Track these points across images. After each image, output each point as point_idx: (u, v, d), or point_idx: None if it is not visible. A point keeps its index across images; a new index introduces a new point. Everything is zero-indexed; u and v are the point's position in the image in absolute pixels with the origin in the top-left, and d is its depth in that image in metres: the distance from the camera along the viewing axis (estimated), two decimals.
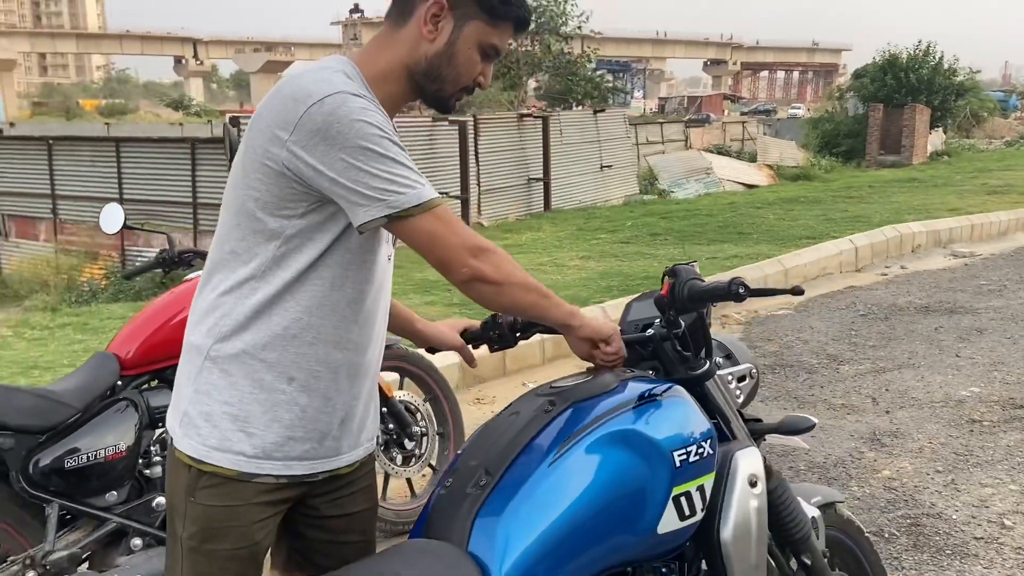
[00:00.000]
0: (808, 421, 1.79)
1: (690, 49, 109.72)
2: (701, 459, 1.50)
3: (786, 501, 1.72)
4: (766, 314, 6.19)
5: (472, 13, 1.49)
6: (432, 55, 1.49)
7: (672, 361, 1.64)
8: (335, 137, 1.33)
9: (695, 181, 20.59)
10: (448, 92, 1.53)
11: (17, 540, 2.20)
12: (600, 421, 1.47)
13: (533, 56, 19.71)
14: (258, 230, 1.41)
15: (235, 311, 1.43)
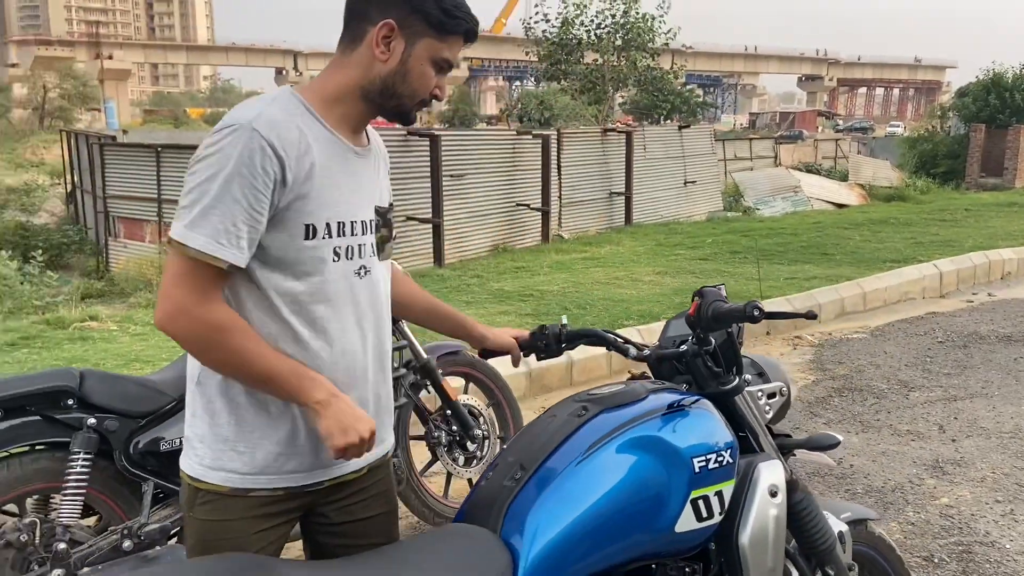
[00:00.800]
0: (833, 438, 1.86)
1: (784, 64, 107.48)
2: (720, 467, 1.60)
3: (810, 513, 1.82)
4: (840, 337, 6.15)
5: (421, 31, 1.54)
6: (386, 74, 1.55)
7: (703, 376, 1.74)
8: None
9: (782, 199, 20.26)
10: (407, 107, 1.59)
11: (117, 512, 2.47)
12: (627, 427, 1.59)
13: (619, 72, 19.78)
14: None
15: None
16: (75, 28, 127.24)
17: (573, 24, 19.70)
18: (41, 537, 2.29)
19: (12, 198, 21.85)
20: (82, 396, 2.39)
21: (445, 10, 1.55)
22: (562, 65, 20.37)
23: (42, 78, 45.31)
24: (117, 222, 14.42)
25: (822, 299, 6.77)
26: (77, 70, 50.39)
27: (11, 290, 11.38)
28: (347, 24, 1.58)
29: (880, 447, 4.01)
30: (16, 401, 2.32)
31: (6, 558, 2.26)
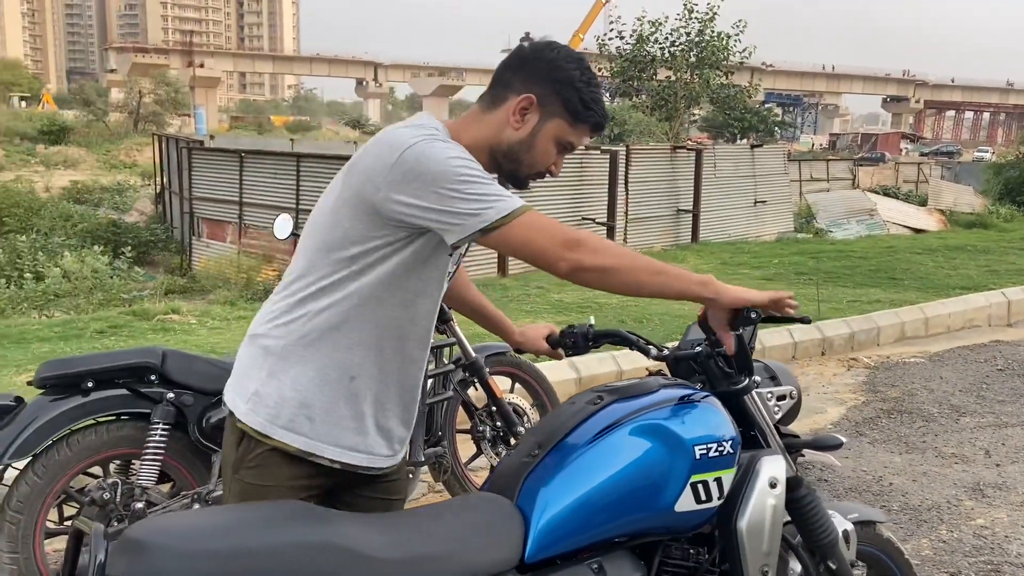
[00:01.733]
0: (835, 439, 1.98)
1: (868, 84, 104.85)
2: (721, 455, 1.74)
3: (812, 508, 1.94)
4: (897, 360, 6.12)
5: (556, 112, 1.69)
6: (515, 141, 1.69)
7: (715, 376, 1.87)
8: (425, 174, 1.52)
9: (856, 222, 19.86)
10: (523, 174, 1.74)
11: (189, 480, 2.73)
12: (636, 415, 1.74)
13: (692, 89, 19.77)
14: (340, 257, 1.60)
15: (315, 318, 1.62)
16: (170, 36, 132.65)
17: (647, 41, 19.80)
18: (121, 497, 2.57)
19: (106, 197, 23.03)
20: (163, 373, 2.66)
21: (584, 101, 1.70)
22: (634, 82, 20.46)
23: (138, 84, 47.49)
24: (201, 222, 15.09)
25: (882, 322, 6.74)
26: (170, 77, 52.62)
27: (101, 283, 12.07)
28: (493, 86, 1.73)
29: (922, 468, 4.03)
30: (106, 374, 2.60)
31: (90, 514, 2.54)
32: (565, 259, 1.54)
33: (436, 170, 1.52)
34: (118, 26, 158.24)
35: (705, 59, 19.39)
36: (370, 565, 1.41)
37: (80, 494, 2.60)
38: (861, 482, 3.83)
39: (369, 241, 1.59)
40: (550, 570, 1.62)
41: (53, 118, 45.07)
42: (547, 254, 1.55)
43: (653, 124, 19.47)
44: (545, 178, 1.79)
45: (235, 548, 1.35)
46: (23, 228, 15.82)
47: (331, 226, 1.62)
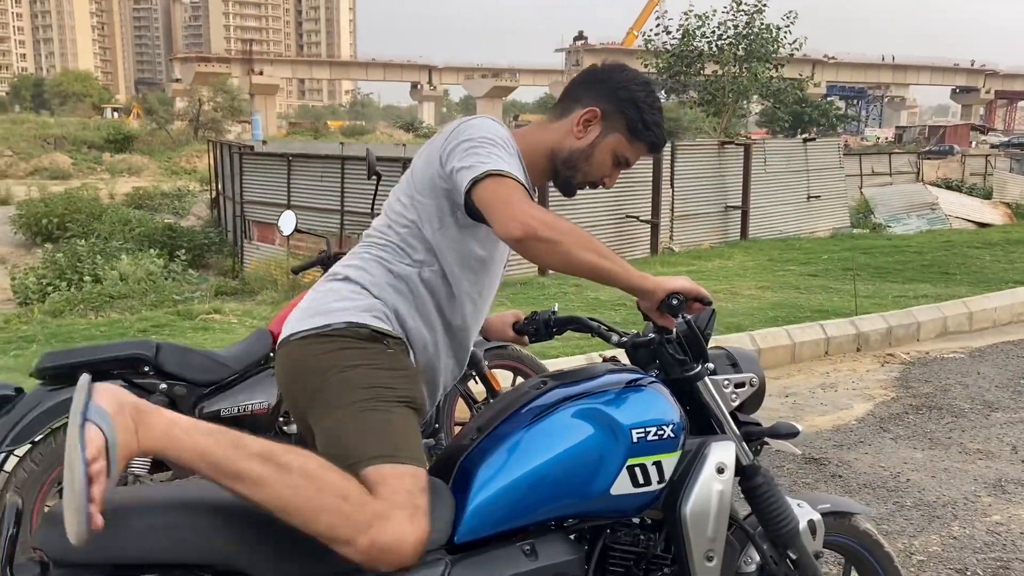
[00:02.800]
0: (792, 427, 1.94)
1: (935, 75, 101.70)
2: (660, 439, 1.72)
3: (768, 496, 1.90)
4: (936, 356, 5.93)
5: (618, 127, 1.82)
6: (575, 150, 1.83)
7: (668, 363, 1.87)
8: (462, 134, 1.71)
9: (917, 216, 19.32)
10: (577, 182, 1.87)
11: (181, 467, 2.80)
12: (575, 399, 1.75)
13: (740, 83, 19.43)
14: (416, 233, 1.77)
15: (395, 267, 1.77)
16: (232, 45, 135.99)
17: (694, 36, 19.53)
18: (117, 484, 2.64)
19: (165, 202, 23.75)
20: (157, 364, 2.74)
21: (645, 121, 1.82)
22: (681, 77, 20.22)
23: (198, 92, 48.86)
24: (252, 225, 15.43)
25: (922, 317, 6.53)
26: (230, 85, 53.95)
27: (155, 285, 12.46)
28: (563, 98, 1.89)
29: (943, 464, 3.90)
30: (102, 365, 2.69)
31: None
32: (520, 222, 1.59)
33: (470, 133, 1.71)
34: (183, 36, 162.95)
35: (753, 52, 19.05)
36: (292, 537, 1.44)
37: None
38: (877, 478, 3.73)
39: (437, 218, 1.79)
40: (481, 551, 1.63)
41: (119, 127, 46.69)
42: (505, 215, 1.60)
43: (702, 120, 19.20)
44: (597, 189, 1.92)
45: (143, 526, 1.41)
46: (85, 233, 16.40)
47: (402, 208, 1.83)
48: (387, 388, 1.65)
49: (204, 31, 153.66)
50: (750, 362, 2.02)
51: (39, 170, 36.19)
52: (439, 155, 1.74)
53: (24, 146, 40.87)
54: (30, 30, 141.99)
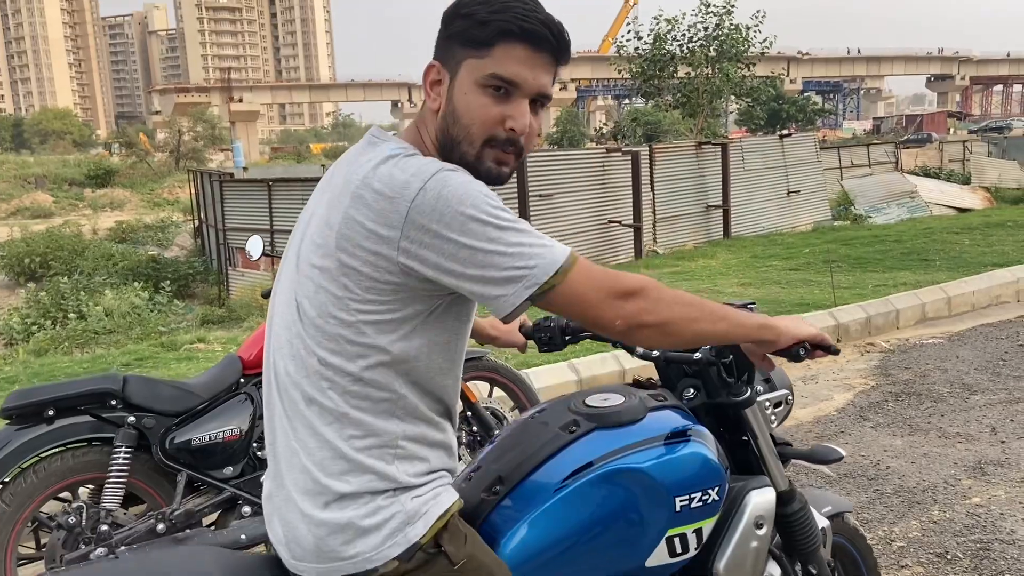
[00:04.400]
0: (836, 452, 1.78)
1: (909, 65, 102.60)
2: (704, 505, 1.53)
3: (804, 521, 1.76)
4: (915, 342, 5.96)
5: (459, 55, 1.32)
6: (441, 121, 1.35)
7: (715, 386, 1.66)
8: (449, 223, 1.21)
9: (897, 206, 19.46)
10: (470, 154, 1.33)
11: (155, 499, 2.79)
12: (616, 455, 1.50)
13: (713, 84, 19.56)
14: (353, 338, 1.28)
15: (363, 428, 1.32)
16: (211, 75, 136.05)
17: (665, 40, 19.68)
18: (88, 520, 2.63)
19: (149, 234, 23.67)
20: (124, 397, 2.73)
21: (479, 21, 1.29)
22: (655, 81, 20.34)
23: (178, 123, 48.82)
24: (235, 252, 15.40)
25: (900, 304, 6.57)
26: (210, 114, 53.95)
27: (140, 318, 12.40)
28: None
29: (923, 449, 3.92)
30: (68, 402, 2.68)
31: (58, 538, 2.61)
32: (621, 316, 1.30)
33: (460, 216, 1.22)
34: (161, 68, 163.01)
35: (724, 52, 19.20)
36: None
37: (50, 520, 2.68)
38: (857, 467, 3.74)
39: (381, 305, 1.32)
40: None
41: (99, 163, 46.54)
42: (600, 311, 1.29)
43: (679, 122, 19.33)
44: (518, 147, 1.35)
45: None
46: (68, 270, 16.34)
47: (323, 302, 1.32)
48: None
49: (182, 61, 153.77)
50: (781, 375, 1.84)
51: (21, 210, 36.04)
52: (397, 255, 1.23)
53: (4, 187, 40.72)
54: (7, 71, 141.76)
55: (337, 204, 1.30)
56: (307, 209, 1.44)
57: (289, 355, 1.35)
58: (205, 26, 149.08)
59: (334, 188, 1.34)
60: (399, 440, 1.33)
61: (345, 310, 1.28)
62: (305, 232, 1.37)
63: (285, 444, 1.36)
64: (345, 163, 1.37)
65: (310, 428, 1.32)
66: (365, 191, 1.26)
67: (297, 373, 1.33)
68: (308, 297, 1.32)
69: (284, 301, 1.38)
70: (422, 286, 1.28)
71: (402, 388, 1.33)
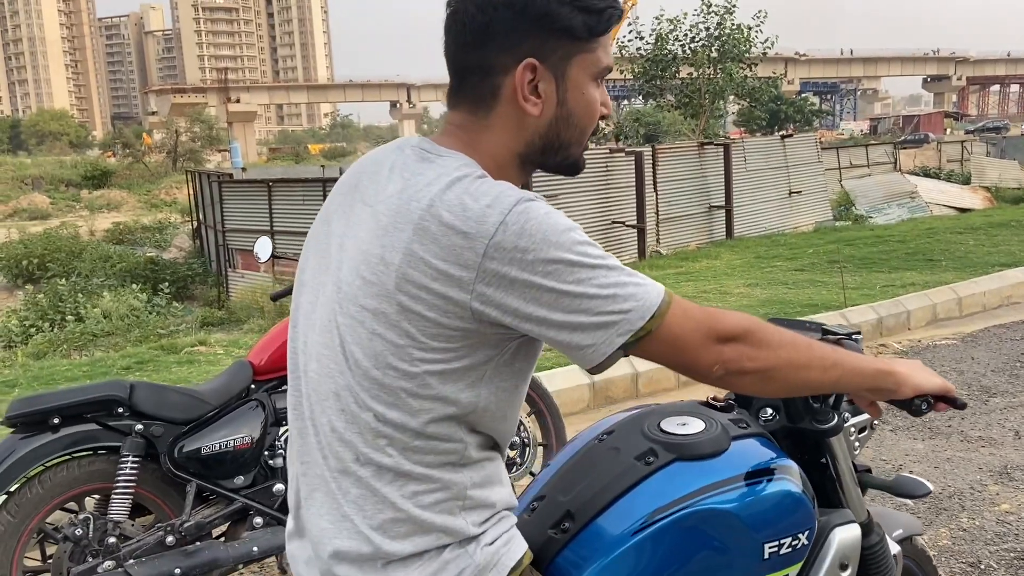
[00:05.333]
0: (924, 488, 1.67)
1: (906, 66, 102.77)
2: (793, 551, 1.40)
3: (881, 555, 1.65)
4: (928, 343, 5.89)
5: (570, 50, 1.18)
6: (545, 128, 1.20)
7: (799, 410, 1.52)
8: (533, 264, 1.07)
9: (897, 206, 19.45)
10: (577, 153, 1.25)
11: (164, 509, 2.70)
12: (699, 496, 1.35)
13: (715, 84, 19.52)
14: (417, 391, 1.14)
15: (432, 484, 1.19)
16: (207, 75, 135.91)
17: (667, 40, 19.63)
18: (95, 532, 2.54)
19: (147, 236, 23.57)
20: (132, 405, 2.64)
21: (587, 8, 1.18)
22: (657, 81, 20.29)
23: (175, 124, 48.70)
24: (235, 253, 15.31)
25: (911, 305, 6.50)
26: (207, 115, 53.84)
27: (139, 320, 12.31)
28: (463, 79, 1.22)
29: (946, 454, 3.84)
30: (73, 409, 2.59)
31: (64, 550, 2.53)
32: (720, 362, 1.17)
33: (545, 256, 1.08)
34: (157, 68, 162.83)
35: (726, 52, 19.16)
36: None
37: (56, 531, 2.59)
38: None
39: (446, 354, 1.18)
40: None
41: (96, 163, 46.41)
42: (697, 357, 1.16)
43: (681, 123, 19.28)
44: (600, 130, 1.34)
45: None
46: (66, 272, 16.23)
47: (380, 350, 1.16)
48: None
49: (178, 62, 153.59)
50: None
51: (18, 212, 35.93)
52: (471, 300, 1.09)
53: (1, 188, 40.59)
54: (3, 72, 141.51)
55: (394, 234, 1.12)
56: (331, 223, 1.26)
57: (336, 409, 1.18)
58: (202, 26, 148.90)
59: (385, 210, 1.15)
60: (468, 490, 1.20)
61: (407, 360, 1.13)
62: (343, 259, 1.19)
63: (331, 506, 1.20)
64: (396, 177, 1.18)
65: (367, 489, 1.17)
66: (431, 223, 1.09)
67: (347, 431, 1.17)
68: (360, 344, 1.15)
69: (324, 343, 1.20)
70: (494, 331, 1.13)
71: (467, 436, 1.19)
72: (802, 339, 1.25)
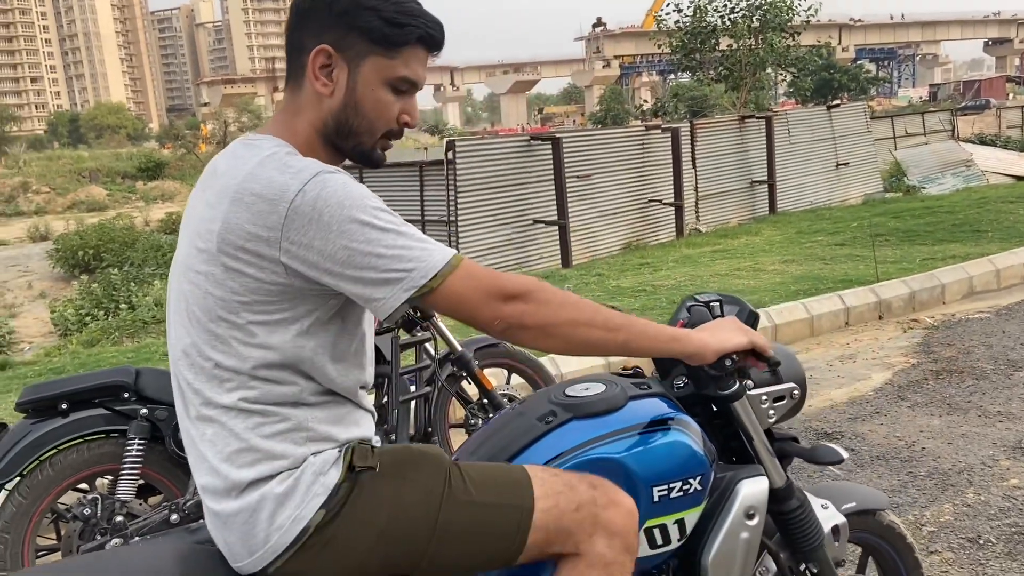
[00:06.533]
0: (836, 455, 1.70)
1: (966, 29, 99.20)
2: (685, 495, 1.49)
3: (802, 520, 1.69)
4: (961, 317, 5.75)
5: (364, 50, 1.33)
6: (336, 110, 1.35)
7: (701, 378, 1.60)
8: (329, 224, 1.21)
9: (952, 175, 18.90)
10: (368, 144, 1.38)
11: (172, 490, 2.82)
12: (590, 445, 1.48)
13: (756, 55, 19.07)
14: (245, 339, 1.29)
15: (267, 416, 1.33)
16: (256, 65, 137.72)
17: (706, 11, 19.25)
18: (103, 511, 2.67)
19: None
20: (137, 390, 2.75)
21: (388, 19, 1.32)
22: (696, 55, 19.92)
23: (224, 114, 49.63)
24: None
25: (946, 279, 6.34)
26: (254, 104, 54.67)
27: None
28: (287, 59, 1.39)
29: (961, 429, 3.77)
30: (81, 395, 2.71)
31: (75, 529, 2.65)
32: (500, 316, 1.30)
33: (339, 217, 1.23)
34: (209, 60, 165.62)
35: (768, 22, 18.70)
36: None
37: (67, 511, 2.72)
38: (891, 449, 3.61)
39: (269, 305, 1.33)
40: None
41: (150, 155, 47.60)
42: (479, 312, 1.29)
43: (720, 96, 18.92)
44: (402, 135, 1.44)
45: None
46: (119, 262, 16.74)
47: (211, 304, 1.33)
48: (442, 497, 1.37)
49: (228, 53, 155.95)
50: (791, 366, 1.72)
51: (76, 204, 37.08)
52: (279, 255, 1.24)
53: (60, 181, 41.92)
54: (62, 68, 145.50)
55: (217, 207, 1.29)
56: (186, 213, 1.42)
57: (186, 364, 1.35)
58: (250, 16, 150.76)
59: (213, 190, 1.32)
60: (309, 423, 1.34)
61: (234, 313, 1.29)
62: (184, 239, 1.38)
63: (196, 455, 1.36)
64: (223, 164, 1.35)
65: (217, 425, 1.32)
66: (244, 194, 1.26)
67: (196, 380, 1.34)
68: (198, 304, 1.31)
69: (176, 310, 1.38)
70: (309, 287, 1.28)
71: (301, 381, 1.33)
72: (588, 303, 1.37)
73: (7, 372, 7.56)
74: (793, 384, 1.68)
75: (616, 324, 1.37)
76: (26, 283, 20.03)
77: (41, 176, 42.44)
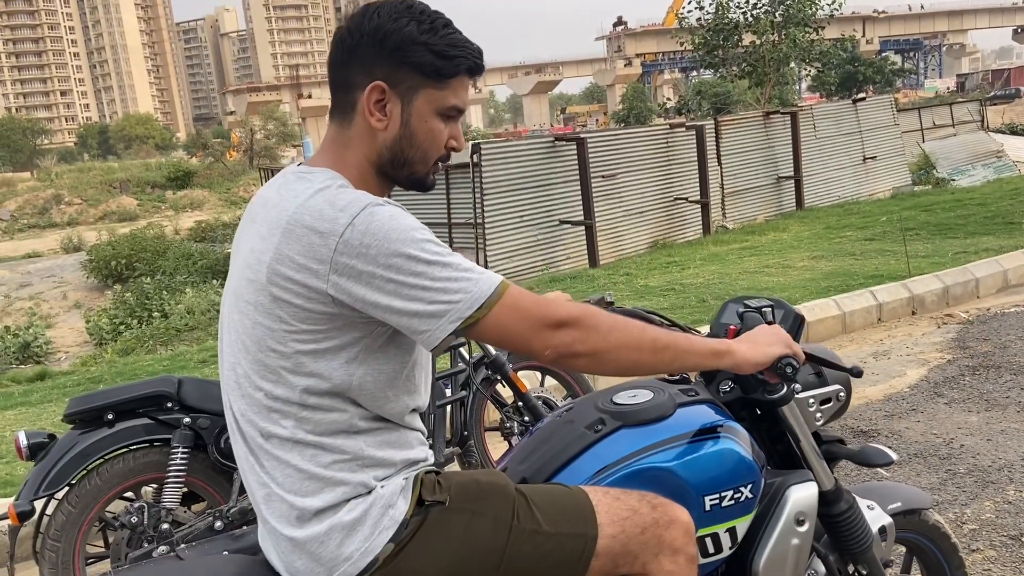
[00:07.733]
0: (887, 456, 1.71)
1: (994, 17, 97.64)
2: (736, 504, 1.49)
3: (851, 522, 1.69)
4: (996, 312, 5.68)
5: (417, 83, 1.38)
6: (391, 143, 1.39)
7: (751, 384, 1.59)
8: (376, 258, 1.25)
9: (983, 166, 18.63)
10: (421, 172, 1.43)
11: (216, 497, 2.87)
12: (641, 454, 1.48)
13: (779, 50, 18.93)
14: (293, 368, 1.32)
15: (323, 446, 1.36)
16: (281, 73, 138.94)
17: (728, 7, 19.14)
18: (150, 519, 2.72)
19: (227, 232, 24.42)
20: (180, 399, 2.81)
21: (438, 53, 1.37)
22: (719, 51, 19.81)
23: (249, 122, 50.08)
24: None
25: (980, 273, 6.27)
26: (280, 112, 55.15)
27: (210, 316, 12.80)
28: (334, 94, 1.44)
29: (1000, 426, 3.73)
30: (126, 405, 2.77)
31: (122, 537, 2.72)
32: (551, 346, 1.32)
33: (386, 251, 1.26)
34: (234, 69, 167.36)
35: (791, 17, 18.56)
36: None
37: (115, 519, 2.78)
38: (929, 446, 3.58)
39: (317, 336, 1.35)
40: None
41: (178, 165, 48.19)
42: (529, 342, 1.31)
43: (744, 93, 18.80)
44: (449, 159, 1.48)
45: None
46: (151, 271, 16.98)
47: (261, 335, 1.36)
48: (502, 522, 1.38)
49: (253, 61, 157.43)
50: (836, 369, 1.71)
51: (108, 214, 37.67)
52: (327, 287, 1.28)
53: (92, 193, 42.57)
54: (90, 80, 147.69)
55: (269, 239, 1.32)
56: (236, 244, 1.46)
57: (239, 395, 1.39)
58: (273, 25, 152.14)
59: (265, 222, 1.35)
60: (364, 451, 1.37)
61: (282, 342, 1.32)
62: (235, 270, 1.42)
63: (256, 480, 1.39)
64: (275, 195, 1.38)
65: (274, 459, 1.36)
66: (296, 226, 1.29)
67: (249, 410, 1.37)
68: (248, 334, 1.35)
69: (228, 340, 1.42)
70: (357, 316, 1.31)
71: (351, 408, 1.36)
72: (635, 324, 1.39)
73: (47, 382, 7.70)
74: (839, 386, 1.70)
75: (662, 344, 1.40)
76: (61, 294, 20.39)
77: (73, 188, 43.15)
